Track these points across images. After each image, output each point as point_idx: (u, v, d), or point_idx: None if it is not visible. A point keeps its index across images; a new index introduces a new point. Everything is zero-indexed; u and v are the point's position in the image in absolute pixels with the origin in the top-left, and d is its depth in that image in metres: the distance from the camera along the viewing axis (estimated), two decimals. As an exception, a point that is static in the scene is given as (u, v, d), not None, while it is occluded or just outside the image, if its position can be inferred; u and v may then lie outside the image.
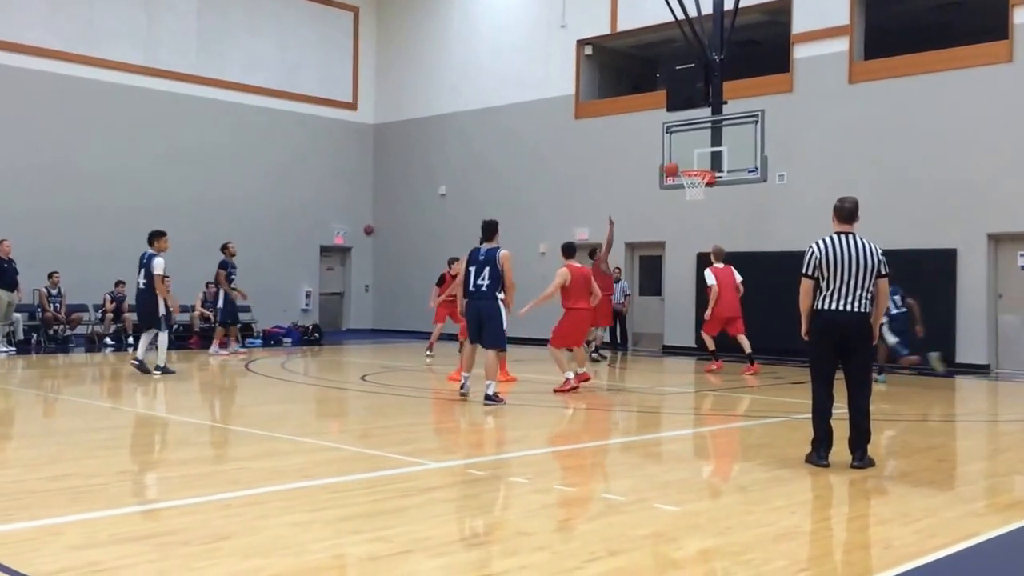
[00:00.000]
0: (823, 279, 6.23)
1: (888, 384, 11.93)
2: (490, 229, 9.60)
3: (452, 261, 14.10)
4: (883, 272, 6.30)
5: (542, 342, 16.73)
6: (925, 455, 7.05)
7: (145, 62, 19.57)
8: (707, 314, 13.52)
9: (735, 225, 16.57)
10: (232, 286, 15.23)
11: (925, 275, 14.52)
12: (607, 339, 17.53)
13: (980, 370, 14.17)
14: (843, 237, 6.27)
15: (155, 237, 12.23)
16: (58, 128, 18.36)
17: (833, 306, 6.19)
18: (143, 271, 12.09)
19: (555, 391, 10.38)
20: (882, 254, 6.32)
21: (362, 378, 12.32)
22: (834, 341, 6.25)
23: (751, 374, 13.03)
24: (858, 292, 6.18)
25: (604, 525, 4.69)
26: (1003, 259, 14.46)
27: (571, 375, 10.41)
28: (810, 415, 6.40)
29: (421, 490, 5.50)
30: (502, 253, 9.40)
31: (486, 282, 9.34)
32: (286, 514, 4.78)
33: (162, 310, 12.05)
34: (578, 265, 10.75)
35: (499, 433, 8.10)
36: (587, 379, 10.82)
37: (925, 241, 14.74)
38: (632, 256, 18.72)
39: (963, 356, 14.44)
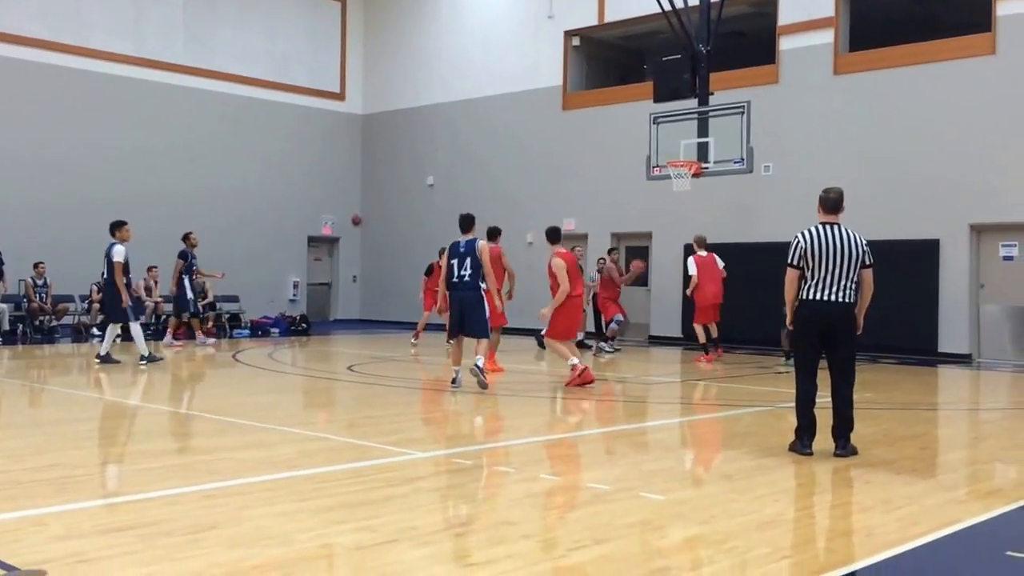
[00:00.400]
0: (808, 269, 6.27)
1: (872, 372, 12.02)
2: (467, 222, 9.90)
3: (444, 251, 14.16)
4: (867, 263, 6.34)
5: (525, 332, 16.79)
6: (908, 443, 7.12)
7: (133, 52, 19.43)
8: (688, 292, 13.75)
9: (721, 216, 16.62)
10: (195, 274, 14.94)
11: (908, 265, 14.64)
12: (591, 328, 17.59)
13: (962, 359, 14.30)
14: (828, 228, 6.30)
15: (116, 227, 12.04)
16: (45, 118, 18.21)
17: (818, 296, 6.24)
18: (106, 260, 11.91)
19: (568, 384, 9.90)
20: (867, 245, 6.36)
21: (349, 368, 12.31)
22: (818, 331, 6.29)
23: (707, 361, 13.38)
24: (843, 282, 6.22)
25: (590, 514, 4.72)
26: (985, 249, 14.58)
27: (576, 360, 9.89)
28: (794, 404, 6.45)
29: (407, 480, 5.51)
30: (480, 244, 9.68)
31: (468, 272, 9.57)
32: (271, 504, 4.79)
33: (127, 300, 11.81)
34: (564, 250, 10.46)
35: (485, 423, 8.11)
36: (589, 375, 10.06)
37: (908, 231, 14.84)
38: (618, 246, 18.75)
39: (945, 345, 14.57)
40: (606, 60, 20.30)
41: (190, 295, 15.18)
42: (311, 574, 3.72)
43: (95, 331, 16.78)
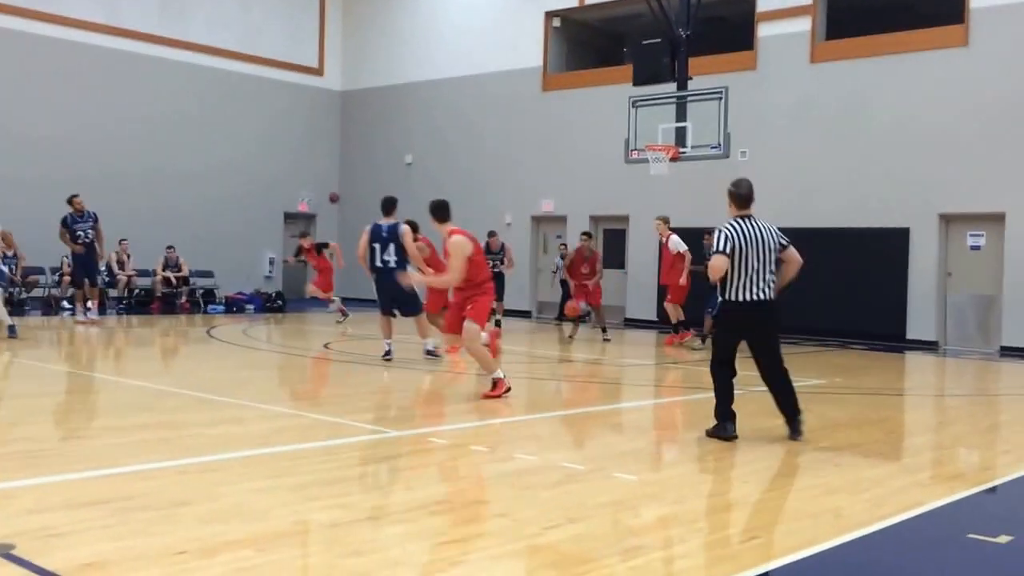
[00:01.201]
0: (733, 266, 6.10)
1: (841, 357, 12.19)
2: (389, 205, 9.95)
3: (303, 235, 15.87)
4: (784, 244, 6.28)
5: (519, 313, 16.79)
6: (875, 427, 7.24)
7: (106, 20, 18.87)
8: (683, 280, 13.45)
9: (698, 200, 16.67)
10: (80, 240, 14.00)
11: (879, 253, 14.84)
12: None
13: (929, 346, 14.54)
14: (747, 220, 6.20)
15: None
16: (10, 86, 17.73)
17: (744, 297, 6.10)
18: None
19: (485, 396, 7.87)
20: (778, 229, 6.32)
21: (325, 346, 12.26)
22: (745, 331, 6.25)
23: (680, 341, 13.58)
24: (766, 276, 6.15)
25: (563, 493, 4.76)
26: (953, 239, 14.81)
27: (502, 373, 7.95)
28: (715, 392, 6.32)
29: (382, 458, 5.52)
30: (403, 228, 9.78)
31: (393, 258, 9.67)
32: (245, 480, 4.78)
33: None
34: (461, 229, 8.08)
35: (461, 402, 8.13)
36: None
37: (880, 220, 15.02)
38: (596, 229, 18.79)
39: (913, 332, 14.79)
40: (586, 42, 20.23)
41: (70, 263, 14.60)
42: (285, 550, 3.73)
43: (65, 304, 16.56)
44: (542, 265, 19.55)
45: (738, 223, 6.17)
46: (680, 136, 13.59)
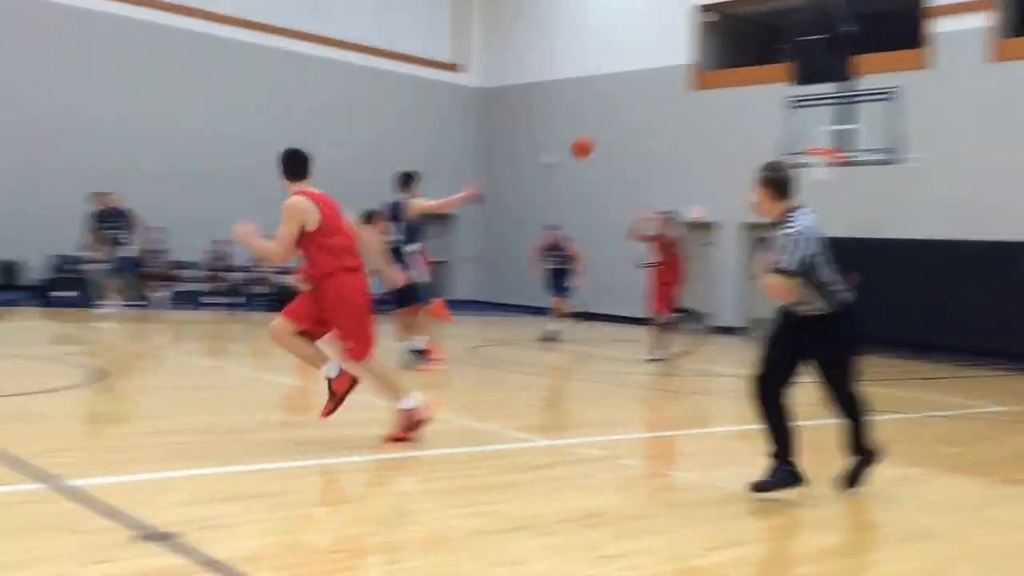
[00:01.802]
0: (823, 267, 4.93)
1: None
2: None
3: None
4: None
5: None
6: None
7: (232, 12, 18.65)
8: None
9: (861, 209, 15.67)
10: None
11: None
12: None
13: None
14: (802, 210, 5.12)
15: None
16: (158, 81, 17.59)
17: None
18: None
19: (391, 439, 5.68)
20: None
21: (473, 349, 12.30)
22: None
23: None
24: None
25: (723, 514, 4.46)
26: None
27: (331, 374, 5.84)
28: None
29: (531, 467, 5.38)
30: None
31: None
32: (393, 483, 4.76)
33: None
34: (319, 192, 5.80)
35: (605, 414, 7.91)
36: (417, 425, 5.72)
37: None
38: (748, 238, 18.07)
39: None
40: (740, 38, 19.46)
41: None
42: (433, 556, 3.63)
43: (204, 299, 16.60)
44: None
45: (807, 216, 5.01)
46: (845, 139, 12.83)
